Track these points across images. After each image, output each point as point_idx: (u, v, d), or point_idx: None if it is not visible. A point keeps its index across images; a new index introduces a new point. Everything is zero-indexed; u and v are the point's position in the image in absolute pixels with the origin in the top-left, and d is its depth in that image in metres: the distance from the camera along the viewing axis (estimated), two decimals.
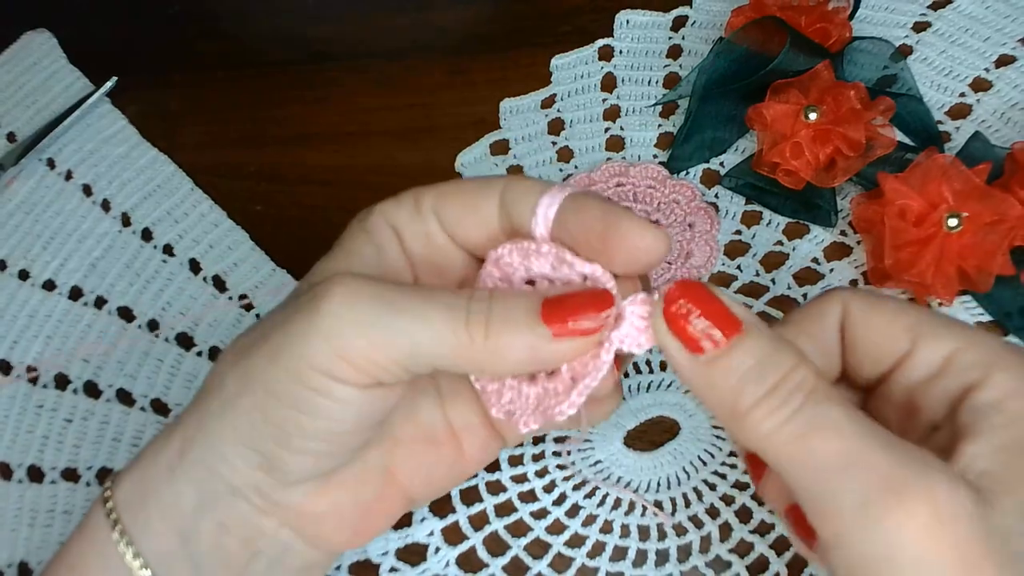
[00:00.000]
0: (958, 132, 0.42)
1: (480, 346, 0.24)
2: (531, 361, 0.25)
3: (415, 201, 0.27)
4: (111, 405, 0.41)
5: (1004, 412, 0.23)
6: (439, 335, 0.24)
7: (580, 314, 0.24)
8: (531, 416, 0.26)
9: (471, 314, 0.24)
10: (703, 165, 0.44)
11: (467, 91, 0.50)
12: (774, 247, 0.41)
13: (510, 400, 0.27)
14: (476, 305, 0.24)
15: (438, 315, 0.24)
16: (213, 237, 0.46)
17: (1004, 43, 0.44)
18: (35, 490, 0.39)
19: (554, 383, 0.26)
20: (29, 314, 0.45)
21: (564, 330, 0.24)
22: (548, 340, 0.24)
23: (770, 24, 0.41)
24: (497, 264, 0.27)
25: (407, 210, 0.27)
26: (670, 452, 0.36)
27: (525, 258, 0.26)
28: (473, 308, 0.24)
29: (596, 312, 0.24)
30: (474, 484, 0.36)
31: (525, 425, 0.26)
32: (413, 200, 0.28)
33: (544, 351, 0.24)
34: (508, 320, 0.24)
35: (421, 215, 0.27)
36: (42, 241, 0.47)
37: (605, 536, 0.34)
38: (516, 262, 0.26)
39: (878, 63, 0.43)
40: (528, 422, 0.26)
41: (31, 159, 0.50)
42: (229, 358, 0.26)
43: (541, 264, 0.26)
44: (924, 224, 0.36)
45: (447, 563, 0.35)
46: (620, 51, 0.49)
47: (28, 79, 0.54)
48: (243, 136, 0.51)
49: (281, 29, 0.57)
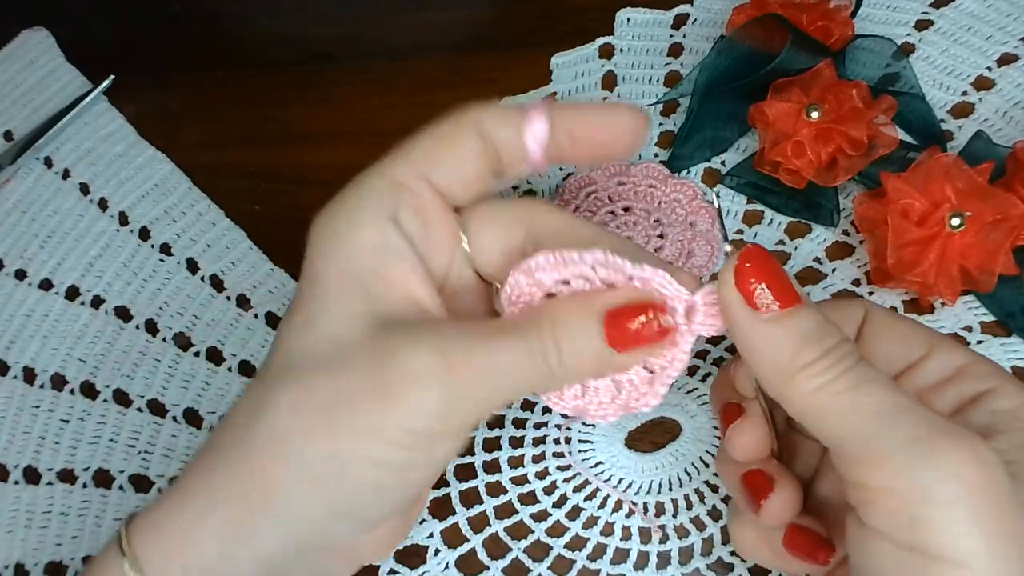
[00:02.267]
0: (960, 131, 0.42)
1: (558, 375, 0.25)
2: (602, 373, 0.26)
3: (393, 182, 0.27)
4: (108, 406, 0.41)
5: (1020, 418, 0.25)
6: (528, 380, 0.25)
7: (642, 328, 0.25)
8: (611, 409, 0.27)
9: (545, 349, 0.25)
10: (704, 164, 0.43)
11: (467, 91, 0.50)
12: (776, 246, 0.40)
13: (575, 395, 0.27)
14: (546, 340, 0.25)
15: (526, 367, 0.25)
16: (211, 236, 0.46)
17: (1006, 41, 0.44)
18: (31, 491, 0.39)
19: (628, 375, 0.27)
20: (26, 314, 0.44)
21: (627, 345, 0.25)
22: (614, 354, 0.25)
23: (772, 22, 0.40)
24: (530, 274, 0.26)
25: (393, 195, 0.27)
26: (671, 453, 0.35)
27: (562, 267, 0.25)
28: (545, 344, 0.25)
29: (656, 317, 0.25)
30: (474, 486, 0.36)
31: (604, 419, 0.27)
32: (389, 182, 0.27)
33: (612, 364, 0.25)
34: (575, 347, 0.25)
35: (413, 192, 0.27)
36: (39, 240, 0.47)
37: (606, 538, 0.34)
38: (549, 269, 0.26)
39: (880, 61, 0.43)
40: (608, 416, 0.27)
41: (28, 158, 0.50)
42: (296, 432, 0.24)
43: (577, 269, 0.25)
44: (926, 223, 0.35)
45: (447, 565, 0.34)
46: (621, 49, 0.49)
47: (25, 77, 0.54)
48: (242, 136, 0.51)
49: (281, 29, 0.57)
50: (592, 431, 0.36)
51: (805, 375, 0.23)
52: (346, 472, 0.24)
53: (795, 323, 0.24)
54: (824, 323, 0.24)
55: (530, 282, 0.26)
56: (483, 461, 0.37)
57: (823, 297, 0.38)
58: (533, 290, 0.26)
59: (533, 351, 0.25)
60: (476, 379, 0.24)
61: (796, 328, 0.24)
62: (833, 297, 0.38)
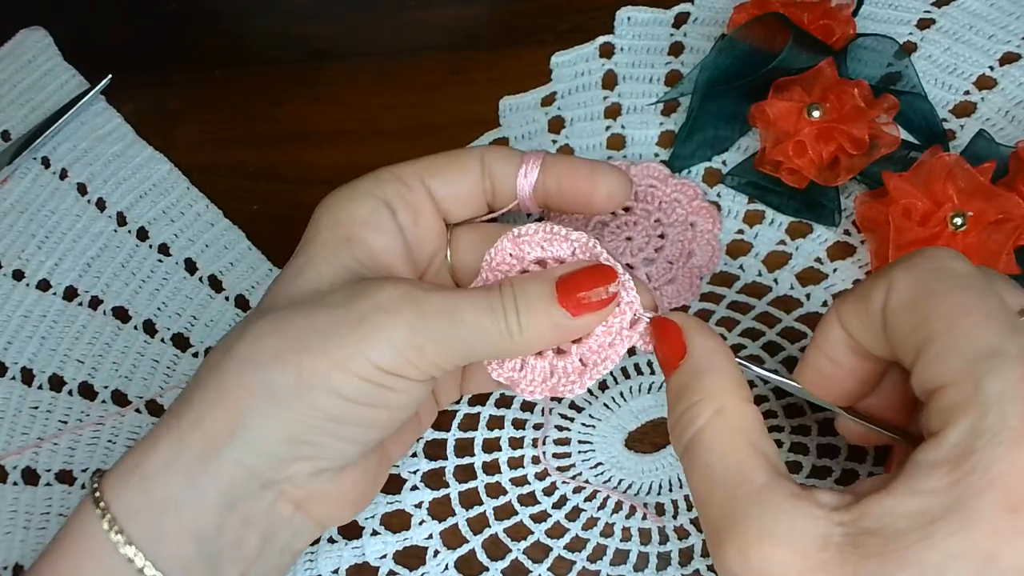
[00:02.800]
0: (963, 130, 0.41)
1: (517, 339, 0.27)
2: (557, 339, 0.28)
3: (396, 177, 0.31)
4: (106, 407, 0.41)
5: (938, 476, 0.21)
6: (488, 338, 0.27)
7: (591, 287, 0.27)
8: (539, 388, 0.29)
9: (507, 313, 0.27)
10: (705, 164, 0.43)
11: (467, 90, 0.50)
12: (777, 246, 0.40)
13: (513, 367, 0.30)
14: (505, 304, 0.27)
15: (486, 321, 0.27)
16: (209, 236, 0.46)
17: (1009, 40, 0.44)
18: (30, 492, 0.39)
19: (564, 362, 0.29)
20: (23, 314, 0.44)
21: (580, 307, 0.27)
22: (568, 317, 0.27)
23: (773, 21, 0.40)
24: (516, 241, 0.29)
25: (392, 184, 0.31)
26: (671, 454, 0.35)
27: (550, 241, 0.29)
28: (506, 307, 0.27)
29: (606, 283, 0.28)
30: (474, 487, 0.36)
31: (531, 395, 0.30)
32: (393, 176, 0.31)
33: (566, 327, 0.28)
34: (531, 309, 0.27)
35: (411, 189, 0.31)
36: (36, 241, 0.47)
37: (606, 539, 0.34)
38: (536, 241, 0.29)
39: (882, 60, 0.42)
40: (534, 393, 0.29)
41: (25, 158, 0.50)
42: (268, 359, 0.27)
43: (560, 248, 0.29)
44: (929, 223, 0.35)
45: (446, 566, 0.34)
46: (621, 48, 0.49)
47: (22, 77, 0.54)
48: (241, 135, 0.51)
49: (281, 28, 0.56)
50: (592, 432, 0.36)
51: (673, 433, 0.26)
52: (307, 400, 0.26)
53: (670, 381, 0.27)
54: (682, 387, 0.26)
55: (514, 251, 0.29)
56: (483, 462, 0.36)
57: (824, 297, 0.38)
58: (512, 262, 0.30)
59: (495, 309, 0.27)
60: (440, 323, 0.27)
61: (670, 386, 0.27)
62: (833, 297, 0.38)
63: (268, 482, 0.27)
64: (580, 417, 0.37)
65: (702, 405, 0.25)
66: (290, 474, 0.27)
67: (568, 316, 0.27)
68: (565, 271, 0.28)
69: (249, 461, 0.26)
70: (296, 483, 0.28)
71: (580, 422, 0.37)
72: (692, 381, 0.26)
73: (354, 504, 0.31)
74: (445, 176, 0.31)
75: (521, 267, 0.30)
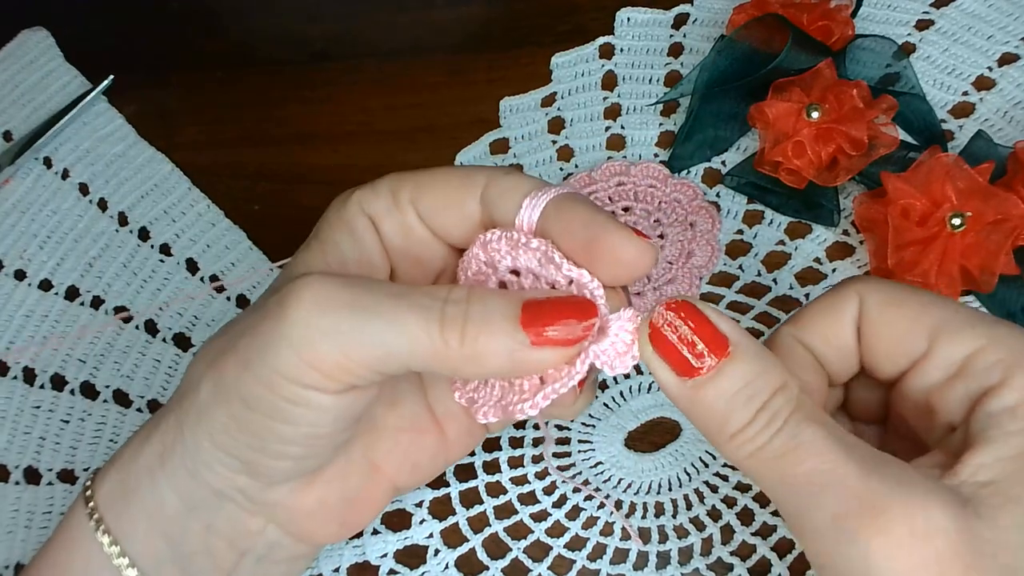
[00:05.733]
0: (961, 131, 0.41)
1: (456, 351, 0.23)
2: (510, 368, 0.24)
3: (392, 191, 0.27)
4: (108, 406, 0.41)
5: (1019, 417, 0.23)
6: (413, 340, 0.23)
7: (561, 322, 0.23)
8: (491, 409, 0.26)
9: (447, 317, 0.23)
10: (704, 164, 0.43)
11: (467, 90, 0.50)
12: (776, 247, 0.40)
13: (474, 388, 0.27)
14: (452, 308, 0.23)
15: (412, 318, 0.23)
16: (211, 237, 0.46)
17: (1007, 41, 0.44)
18: (32, 491, 0.39)
19: (520, 380, 0.26)
20: (25, 314, 0.44)
21: (543, 339, 0.23)
22: (527, 346, 0.23)
23: (772, 22, 0.40)
24: (485, 248, 0.26)
25: (384, 200, 0.27)
26: (671, 454, 0.35)
27: (513, 248, 0.25)
28: (449, 311, 0.23)
29: (578, 321, 0.23)
30: (474, 486, 0.36)
31: (484, 416, 0.26)
32: (390, 190, 0.27)
33: (522, 358, 0.23)
34: (486, 323, 0.23)
35: (399, 206, 0.27)
36: (38, 240, 0.47)
37: (606, 539, 0.34)
38: (504, 250, 0.26)
39: (881, 61, 0.43)
40: (487, 414, 0.26)
41: (27, 158, 0.50)
42: (203, 361, 0.26)
43: (528, 258, 0.25)
44: (927, 223, 0.35)
45: (446, 565, 0.34)
46: (621, 49, 0.49)
47: (24, 77, 0.54)
48: (242, 135, 0.51)
49: (281, 28, 0.57)
50: (592, 431, 0.36)
51: (736, 442, 0.22)
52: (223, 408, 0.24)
53: (723, 386, 0.23)
54: (755, 374, 0.23)
55: (485, 258, 0.26)
56: (483, 461, 0.37)
57: None
58: (487, 269, 0.26)
59: (429, 309, 0.23)
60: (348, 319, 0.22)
61: (724, 391, 0.23)
62: None
63: (219, 492, 0.26)
64: (580, 417, 0.37)
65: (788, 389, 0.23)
66: (240, 486, 0.26)
67: (527, 343, 0.23)
68: (537, 296, 0.24)
69: (193, 468, 0.25)
70: (251, 497, 0.26)
71: (580, 421, 0.37)
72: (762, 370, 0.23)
73: (341, 521, 0.28)
74: (435, 204, 0.27)
75: (497, 277, 0.27)
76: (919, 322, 0.25)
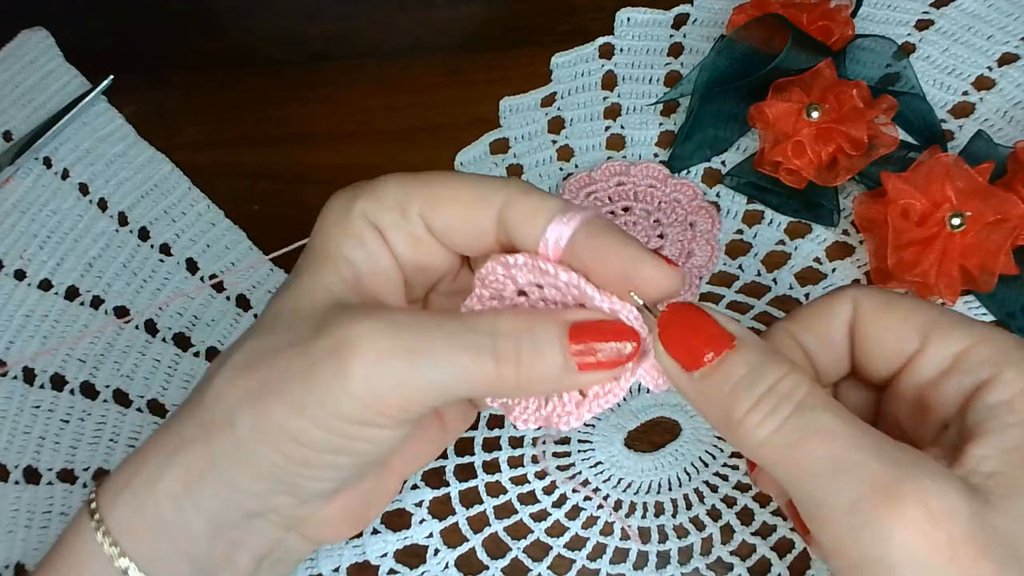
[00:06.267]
0: (961, 131, 0.41)
1: (511, 382, 0.24)
2: (558, 389, 0.25)
3: (400, 205, 0.26)
4: (108, 406, 0.41)
5: (1015, 411, 0.23)
6: (471, 379, 0.24)
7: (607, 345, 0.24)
8: (532, 416, 0.26)
9: (500, 353, 0.24)
10: (704, 164, 0.43)
11: (467, 90, 0.50)
12: (776, 246, 0.40)
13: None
14: (503, 344, 0.24)
15: (467, 359, 0.23)
16: (211, 237, 0.46)
17: (1007, 41, 0.44)
18: (32, 491, 0.39)
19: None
20: (25, 314, 0.44)
21: (591, 365, 0.24)
22: (574, 372, 0.24)
23: (772, 22, 0.40)
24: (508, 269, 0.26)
25: (392, 214, 0.26)
26: (671, 453, 0.35)
27: (540, 276, 0.25)
28: (500, 347, 0.24)
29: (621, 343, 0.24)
30: (474, 486, 0.36)
31: (524, 424, 0.26)
32: (397, 203, 0.26)
33: (569, 381, 0.24)
34: (538, 355, 0.24)
35: (408, 220, 0.26)
36: (38, 240, 0.47)
37: (606, 538, 0.34)
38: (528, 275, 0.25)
39: (880, 61, 0.43)
40: (528, 422, 0.26)
41: (27, 158, 0.50)
42: (231, 395, 0.25)
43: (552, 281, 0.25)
44: (927, 223, 0.35)
45: (446, 565, 0.34)
46: (621, 49, 0.49)
47: (24, 77, 0.54)
48: (242, 135, 0.51)
49: (281, 28, 0.57)
50: (592, 431, 0.36)
51: (746, 427, 0.23)
52: (270, 445, 0.24)
53: (726, 372, 0.23)
54: (761, 361, 0.23)
55: (505, 274, 0.26)
56: (483, 461, 0.37)
57: None
58: (506, 281, 0.26)
59: (480, 348, 0.23)
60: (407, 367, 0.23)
61: (728, 377, 0.23)
62: None
63: (251, 513, 0.26)
64: None
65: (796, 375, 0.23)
66: (274, 505, 0.26)
67: (575, 368, 0.24)
68: (578, 317, 0.24)
69: (227, 495, 0.25)
70: (282, 512, 0.27)
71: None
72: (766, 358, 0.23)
73: (352, 523, 0.29)
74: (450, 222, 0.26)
75: (516, 287, 0.26)
76: (910, 321, 0.25)
